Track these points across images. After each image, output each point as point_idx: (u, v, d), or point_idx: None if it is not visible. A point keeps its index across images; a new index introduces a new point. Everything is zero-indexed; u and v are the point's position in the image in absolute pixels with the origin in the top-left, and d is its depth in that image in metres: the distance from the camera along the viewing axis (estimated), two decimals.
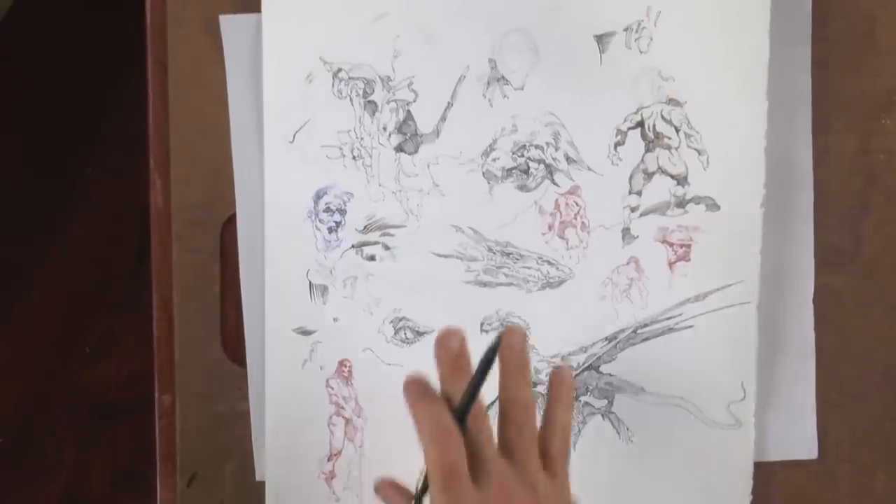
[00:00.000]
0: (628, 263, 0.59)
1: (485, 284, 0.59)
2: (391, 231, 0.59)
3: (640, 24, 0.58)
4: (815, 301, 0.60)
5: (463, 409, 0.44)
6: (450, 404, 0.44)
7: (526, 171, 0.59)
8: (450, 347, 0.45)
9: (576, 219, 0.59)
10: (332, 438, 0.60)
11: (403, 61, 0.58)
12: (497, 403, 0.46)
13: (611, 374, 0.60)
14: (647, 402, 0.60)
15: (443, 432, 0.44)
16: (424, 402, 0.45)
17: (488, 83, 0.58)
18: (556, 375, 0.48)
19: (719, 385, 0.59)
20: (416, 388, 0.45)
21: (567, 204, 0.59)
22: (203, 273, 0.61)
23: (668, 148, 0.59)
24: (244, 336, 0.60)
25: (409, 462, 0.60)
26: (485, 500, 0.44)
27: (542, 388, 0.60)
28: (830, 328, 0.61)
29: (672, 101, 0.58)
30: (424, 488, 0.47)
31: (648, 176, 0.59)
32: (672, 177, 0.59)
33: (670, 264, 0.59)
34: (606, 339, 0.59)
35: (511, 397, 0.46)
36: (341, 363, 0.60)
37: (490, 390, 0.45)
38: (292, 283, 0.59)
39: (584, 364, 0.60)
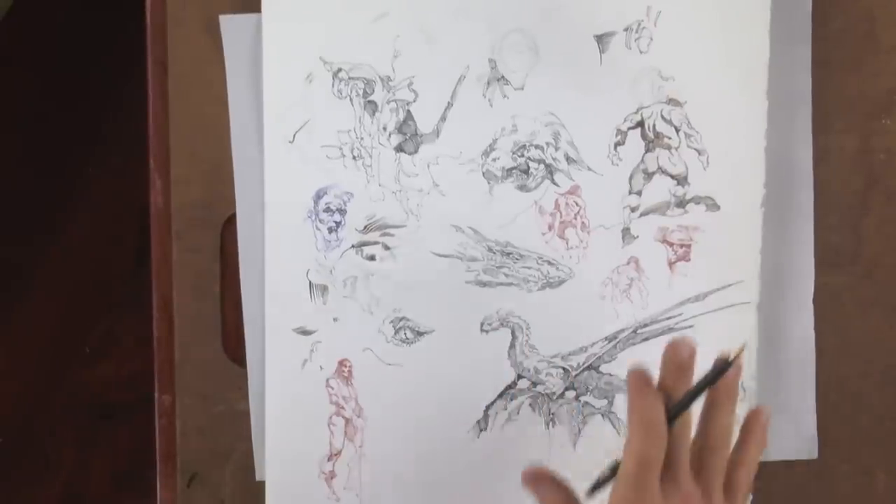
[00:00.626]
0: (628, 263, 0.59)
1: (485, 284, 0.59)
2: (391, 231, 0.59)
3: (640, 24, 0.58)
4: (815, 301, 0.60)
5: (676, 412, 0.46)
6: (665, 405, 0.46)
7: (526, 171, 0.59)
8: (680, 354, 0.47)
9: (576, 219, 0.59)
10: (332, 438, 0.60)
11: (403, 61, 0.58)
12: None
13: (611, 374, 0.60)
14: None
15: (653, 425, 0.45)
16: (643, 391, 0.45)
17: (488, 83, 0.58)
18: (755, 415, 0.49)
19: None
20: (639, 378, 0.46)
21: (567, 204, 0.59)
22: (203, 273, 0.61)
23: (668, 148, 0.59)
24: (244, 336, 0.60)
25: (409, 462, 0.60)
26: None
27: (541, 388, 0.60)
28: (830, 328, 0.61)
29: (672, 101, 0.58)
30: (608, 477, 0.47)
31: (648, 176, 0.59)
32: (672, 177, 0.59)
33: (670, 264, 0.59)
34: (606, 339, 0.59)
35: (715, 421, 0.47)
36: (341, 363, 0.60)
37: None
38: (292, 283, 0.59)
39: (584, 364, 0.60)
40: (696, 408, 0.47)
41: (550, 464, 0.60)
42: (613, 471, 0.47)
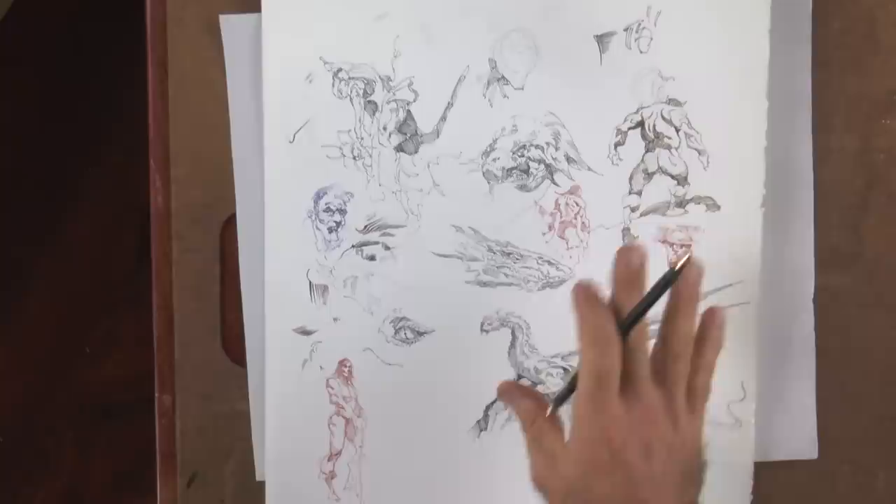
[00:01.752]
0: None
1: (485, 284, 0.59)
2: (391, 231, 0.59)
3: (640, 24, 0.58)
4: (815, 301, 0.60)
5: (630, 323, 0.45)
6: (617, 317, 0.45)
7: (526, 171, 0.59)
8: (630, 262, 0.45)
9: (576, 219, 0.59)
10: (332, 438, 0.60)
11: (403, 61, 0.58)
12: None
13: None
14: None
15: (604, 338, 0.44)
16: (591, 305, 0.45)
17: (488, 83, 0.58)
18: (710, 315, 0.48)
19: (719, 385, 0.59)
20: (584, 292, 0.45)
21: (567, 204, 0.59)
22: (203, 273, 0.61)
23: (669, 148, 0.58)
24: (244, 336, 0.60)
25: (409, 462, 0.60)
26: (629, 419, 0.44)
27: (542, 388, 0.60)
28: (831, 328, 0.61)
29: (672, 101, 0.58)
30: (568, 392, 0.47)
31: (648, 176, 0.59)
32: (672, 177, 0.59)
33: (670, 264, 0.59)
34: None
35: (675, 328, 0.46)
36: (341, 363, 0.60)
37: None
38: (292, 283, 0.59)
39: None
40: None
41: None
42: (572, 386, 0.46)
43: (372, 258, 0.59)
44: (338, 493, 0.60)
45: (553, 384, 0.60)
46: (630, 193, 0.59)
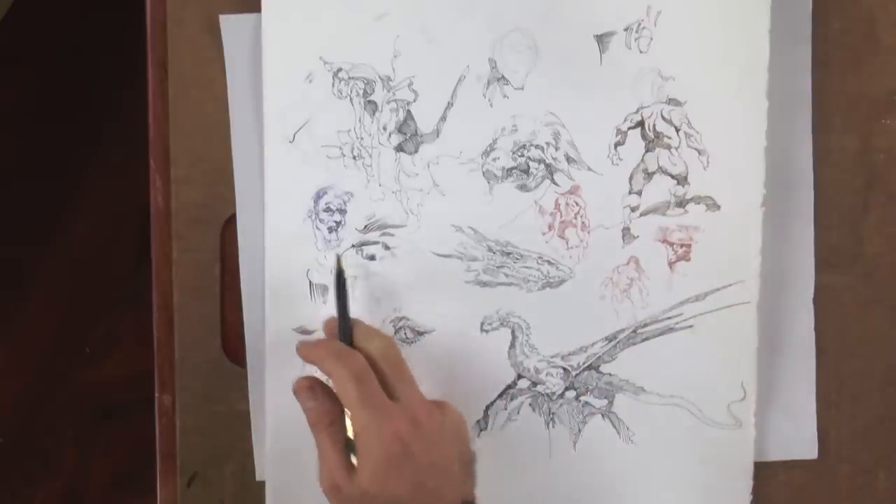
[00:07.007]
0: (628, 263, 0.59)
1: (485, 284, 0.59)
2: (391, 231, 0.59)
3: (640, 24, 0.58)
4: (815, 301, 0.60)
5: (343, 330, 0.52)
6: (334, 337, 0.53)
7: (526, 171, 0.59)
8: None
9: (576, 218, 0.59)
10: None
11: (403, 61, 0.58)
12: None
13: (611, 374, 0.60)
14: (648, 401, 0.60)
15: (338, 350, 0.51)
16: (312, 345, 0.53)
17: (488, 83, 0.58)
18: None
19: (719, 385, 0.60)
20: (303, 345, 0.54)
21: (567, 204, 0.59)
22: (203, 273, 0.61)
23: (669, 148, 0.58)
24: (244, 336, 0.60)
25: None
26: (403, 413, 0.49)
27: (541, 388, 0.60)
28: (830, 328, 0.61)
29: (672, 101, 0.58)
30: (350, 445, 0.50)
31: (648, 176, 0.59)
32: (672, 176, 0.59)
33: (670, 264, 0.59)
34: (606, 338, 0.59)
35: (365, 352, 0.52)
36: None
37: None
38: (292, 282, 0.59)
39: (584, 364, 0.60)
40: None
41: (550, 464, 0.60)
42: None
43: (372, 258, 0.59)
44: None
45: (553, 384, 0.60)
46: (630, 193, 0.59)
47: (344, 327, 0.51)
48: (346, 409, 0.49)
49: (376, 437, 0.48)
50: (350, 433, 0.49)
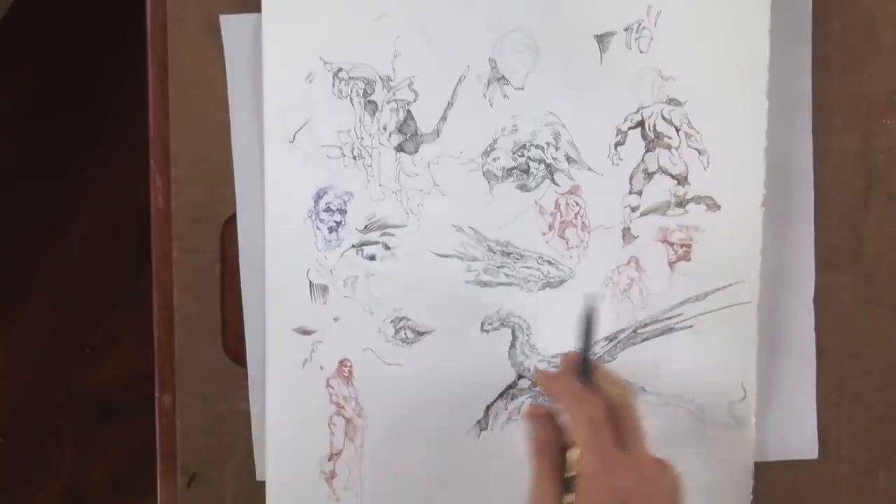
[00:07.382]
0: (628, 263, 0.59)
1: (485, 284, 0.59)
2: (391, 231, 0.59)
3: (640, 24, 0.58)
4: (815, 301, 0.60)
5: (585, 372, 0.50)
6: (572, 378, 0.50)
7: (526, 171, 0.59)
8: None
9: (576, 218, 0.59)
10: (332, 438, 0.60)
11: (404, 61, 0.58)
12: None
13: None
14: (648, 401, 0.60)
15: (583, 393, 0.48)
16: (553, 377, 0.51)
17: (488, 83, 0.58)
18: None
19: (719, 385, 0.59)
20: (543, 375, 0.55)
21: (567, 204, 0.59)
22: (203, 273, 0.61)
23: (669, 148, 0.59)
24: (244, 336, 0.60)
25: (409, 462, 0.60)
26: (630, 467, 0.47)
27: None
28: (831, 328, 0.61)
29: (672, 101, 0.58)
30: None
31: (649, 176, 0.59)
32: (672, 177, 0.59)
33: (670, 264, 0.59)
34: (606, 338, 0.59)
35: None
36: (342, 363, 0.60)
37: None
38: (292, 282, 0.59)
39: None
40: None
41: None
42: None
43: (372, 258, 0.59)
44: (338, 492, 0.60)
45: None
46: (630, 193, 0.59)
47: (585, 368, 0.50)
48: (572, 448, 0.48)
49: (600, 484, 0.47)
50: (572, 471, 0.48)
